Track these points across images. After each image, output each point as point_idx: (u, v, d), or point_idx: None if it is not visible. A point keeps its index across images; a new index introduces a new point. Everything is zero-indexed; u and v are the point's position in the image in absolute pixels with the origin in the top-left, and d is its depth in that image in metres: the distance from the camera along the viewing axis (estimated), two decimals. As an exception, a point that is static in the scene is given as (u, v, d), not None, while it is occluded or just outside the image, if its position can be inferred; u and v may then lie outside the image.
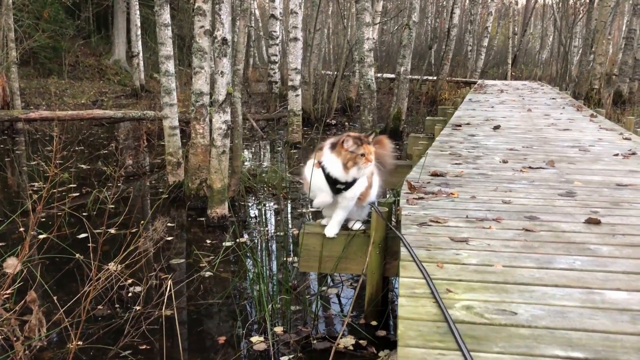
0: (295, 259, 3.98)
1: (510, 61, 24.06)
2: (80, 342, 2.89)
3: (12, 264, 2.56)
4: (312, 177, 2.77)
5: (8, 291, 2.57)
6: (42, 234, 4.53)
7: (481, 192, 3.20)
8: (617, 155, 4.45)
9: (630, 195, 3.12)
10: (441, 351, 1.44)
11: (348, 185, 2.68)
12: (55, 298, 2.86)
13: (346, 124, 13.01)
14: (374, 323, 3.07)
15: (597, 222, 2.55)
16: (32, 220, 2.62)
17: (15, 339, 2.05)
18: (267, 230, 5.15)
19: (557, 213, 2.74)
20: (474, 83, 16.85)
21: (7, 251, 4.15)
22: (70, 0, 18.21)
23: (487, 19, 22.78)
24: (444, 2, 24.91)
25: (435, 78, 17.93)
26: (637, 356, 1.42)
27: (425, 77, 18.10)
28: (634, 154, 4.50)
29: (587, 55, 16.83)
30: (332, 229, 2.97)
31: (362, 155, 2.60)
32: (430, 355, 1.43)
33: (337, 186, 2.69)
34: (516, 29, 27.90)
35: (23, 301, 2.31)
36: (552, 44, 26.84)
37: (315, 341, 3.00)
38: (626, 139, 5.37)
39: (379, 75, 18.99)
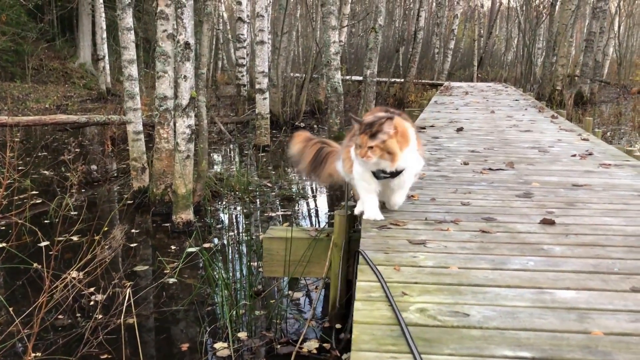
0: (261, 263, 3.98)
1: (476, 63, 24.43)
2: (38, 354, 2.84)
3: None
4: None
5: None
6: (2, 241, 4.44)
7: (441, 194, 3.24)
8: (574, 156, 4.56)
9: (585, 196, 3.20)
10: (393, 354, 1.47)
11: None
12: (11, 309, 2.80)
13: (315, 126, 13.03)
14: (338, 326, 3.09)
15: (551, 223, 2.61)
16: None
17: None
18: (233, 235, 5.13)
19: (513, 214, 2.80)
20: (441, 85, 17.07)
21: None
22: (32, 3, 17.89)
23: (454, 21, 23.11)
24: (411, 5, 25.13)
25: (402, 80, 18.11)
26: (581, 353, 1.46)
27: (392, 80, 18.25)
28: (590, 154, 4.62)
29: (549, 57, 17.18)
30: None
31: (358, 146, 2.47)
32: (382, 358, 1.45)
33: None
34: (482, 31, 28.33)
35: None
36: (517, 46, 27.30)
37: (279, 346, 3.00)
38: (584, 139, 5.51)
39: (347, 77, 19.08)
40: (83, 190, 6.49)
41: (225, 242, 4.91)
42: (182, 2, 4.76)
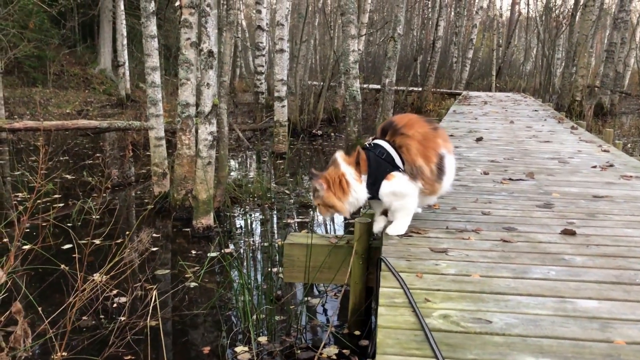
0: (280, 269, 4.02)
1: (494, 73, 24.37)
2: (65, 353, 2.90)
3: (-2, 275, 2.57)
4: None
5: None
6: (26, 244, 4.53)
7: (462, 203, 3.27)
8: (595, 167, 4.55)
9: (606, 207, 3.21)
10: (418, 358, 1.50)
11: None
12: (40, 309, 2.87)
13: (332, 134, 13.09)
14: (357, 333, 3.12)
15: (572, 233, 2.63)
16: (17, 232, 2.64)
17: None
18: (252, 241, 5.18)
19: (534, 224, 2.82)
20: (459, 94, 17.05)
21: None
22: (56, 10, 18.20)
23: (472, 31, 23.08)
24: (430, 15, 25.17)
25: (420, 89, 18.12)
26: (604, 362, 1.48)
27: (410, 89, 18.27)
28: (611, 165, 4.61)
29: (569, 68, 17.11)
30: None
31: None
32: (407, 363, 1.48)
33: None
34: (500, 41, 28.28)
35: (8, 312, 2.33)
36: (535, 56, 27.21)
37: (299, 351, 3.04)
38: (604, 151, 5.49)
39: (365, 86, 19.13)
40: (104, 195, 6.59)
41: (245, 247, 4.96)
42: (206, 11, 4.85)
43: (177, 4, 5.33)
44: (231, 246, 4.97)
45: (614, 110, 16.99)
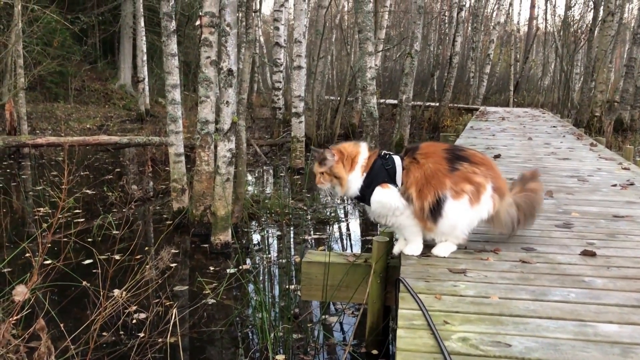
0: (298, 286, 4.03)
1: (512, 88, 24.28)
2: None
3: (21, 292, 2.62)
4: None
5: (16, 318, 2.62)
6: (47, 260, 4.60)
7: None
8: (615, 185, 4.51)
9: (627, 227, 3.18)
10: (437, 382, 1.50)
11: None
12: (62, 325, 2.91)
13: (349, 150, 13.11)
14: (374, 352, 3.11)
15: (592, 254, 2.61)
16: (41, 249, 2.69)
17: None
18: (270, 258, 5.20)
19: (553, 244, 2.80)
20: (476, 110, 17.00)
21: (13, 276, 4.23)
22: (78, 27, 18.56)
23: (489, 46, 23.07)
24: (447, 30, 25.23)
25: (437, 104, 18.11)
26: (625, 389, 1.47)
27: (427, 104, 18.27)
28: (632, 184, 4.57)
29: (588, 83, 17.01)
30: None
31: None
32: (426, 387, 1.49)
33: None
34: (518, 56, 28.20)
35: (32, 328, 2.37)
36: (554, 71, 27.08)
37: (316, 369, 3.04)
38: (625, 168, 5.44)
39: (382, 101, 19.17)
40: (124, 210, 6.66)
41: (263, 264, 4.98)
42: (227, 31, 4.92)
43: (198, 23, 5.42)
44: (249, 262, 5.00)
45: (634, 126, 16.80)
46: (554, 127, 10.34)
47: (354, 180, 2.66)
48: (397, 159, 2.66)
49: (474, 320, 1.90)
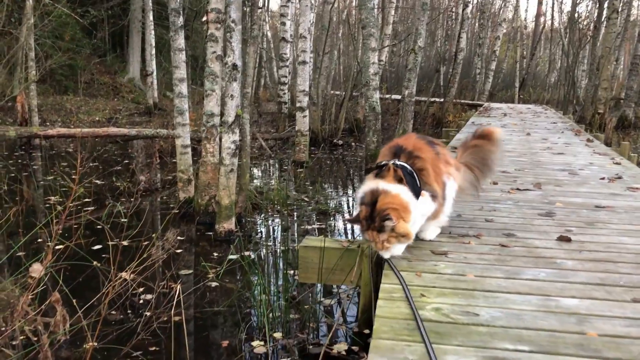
0: (296, 271, 4.24)
1: (517, 84, 24.37)
2: (95, 343, 3.16)
3: (37, 269, 2.84)
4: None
5: (34, 293, 2.84)
6: (62, 243, 4.82)
7: (467, 211, 3.45)
8: (603, 179, 4.69)
9: (606, 217, 3.36)
10: (408, 343, 1.70)
11: None
12: (74, 301, 3.12)
13: (353, 144, 13.31)
14: (367, 331, 3.31)
15: (568, 240, 2.80)
16: (56, 230, 2.90)
17: (42, 332, 2.32)
18: (271, 245, 5.41)
19: (533, 231, 2.99)
20: (481, 106, 17.15)
21: (27, 259, 4.46)
22: (87, 21, 18.80)
23: (495, 42, 23.15)
24: (453, 26, 25.33)
25: (442, 100, 18.26)
26: (574, 350, 1.66)
27: (432, 99, 18.42)
28: (619, 178, 4.74)
29: (592, 80, 17.09)
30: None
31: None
32: (398, 346, 1.68)
33: None
34: (525, 52, 28.26)
35: (48, 301, 2.58)
36: (560, 68, 27.12)
37: (310, 346, 3.25)
38: (616, 163, 5.61)
39: (387, 96, 19.34)
40: (132, 200, 6.89)
41: (264, 251, 5.19)
42: (232, 27, 5.12)
43: (204, 19, 5.62)
44: (251, 249, 5.21)
45: (638, 123, 16.88)
46: (554, 123, 10.49)
47: (416, 215, 2.45)
48: (405, 164, 2.57)
49: (448, 294, 2.09)
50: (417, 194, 2.47)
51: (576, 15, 21.56)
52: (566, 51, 21.08)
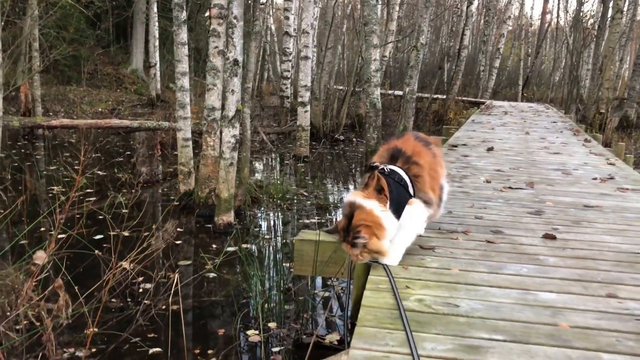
0: (292, 264, 4.35)
1: (521, 82, 24.39)
2: (96, 329, 3.27)
3: (41, 256, 2.95)
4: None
5: (37, 279, 2.95)
6: (64, 232, 4.93)
7: (458, 208, 3.55)
8: (595, 179, 4.78)
9: (593, 216, 3.46)
10: (390, 330, 1.80)
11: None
12: (76, 288, 3.22)
13: (354, 139, 13.40)
14: (358, 322, 3.42)
15: (552, 238, 2.89)
16: (59, 219, 3.01)
17: (45, 316, 2.43)
18: (269, 238, 5.52)
19: (520, 229, 3.09)
20: (483, 103, 17.21)
21: (30, 247, 4.57)
22: (92, 12, 18.89)
23: (500, 40, 23.16)
24: (458, 23, 25.32)
25: (445, 97, 18.32)
26: (545, 339, 1.76)
27: (435, 96, 18.48)
28: (612, 178, 4.83)
29: (595, 80, 17.13)
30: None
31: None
32: (380, 333, 1.78)
33: None
34: (530, 50, 28.25)
35: (51, 287, 2.69)
36: (564, 67, 27.12)
37: (304, 336, 3.36)
38: (611, 164, 5.70)
39: (390, 92, 19.41)
40: (133, 191, 7.00)
41: (261, 243, 5.30)
42: (233, 23, 5.21)
43: (207, 14, 5.71)
44: (249, 241, 5.32)
45: (639, 123, 16.91)
46: (554, 122, 10.57)
47: (392, 221, 2.34)
48: (400, 171, 2.49)
49: (432, 286, 2.20)
50: (403, 204, 2.41)
51: (581, 14, 21.54)
52: (571, 50, 21.10)
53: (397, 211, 2.37)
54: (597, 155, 6.32)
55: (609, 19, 16.89)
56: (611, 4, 16.63)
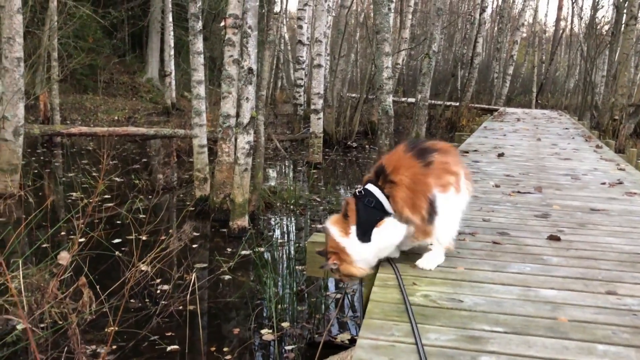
0: (304, 266, 4.46)
1: (535, 90, 24.36)
2: (116, 327, 3.40)
3: (65, 257, 3.09)
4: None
5: (61, 278, 3.09)
6: (85, 235, 5.09)
7: (467, 211, 3.63)
8: (604, 184, 4.84)
9: (598, 219, 3.53)
10: (396, 322, 1.91)
11: None
12: (97, 287, 3.36)
13: (366, 146, 13.51)
14: (369, 322, 3.52)
15: (557, 239, 2.98)
16: (82, 222, 3.15)
17: (70, 312, 2.56)
18: (281, 241, 5.64)
19: (526, 231, 3.17)
20: (496, 110, 17.24)
21: (52, 251, 4.72)
22: (108, 22, 19.23)
23: (513, 47, 23.18)
24: (471, 30, 25.39)
25: (458, 104, 18.38)
26: (544, 332, 1.86)
27: (448, 103, 18.54)
28: (620, 183, 4.89)
29: (608, 87, 17.10)
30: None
31: None
32: (387, 325, 1.89)
33: None
34: (544, 57, 28.22)
35: (75, 285, 2.83)
36: (579, 74, 27.03)
37: (316, 335, 3.47)
38: (620, 169, 5.75)
39: (403, 99, 19.50)
40: (150, 197, 7.16)
41: (275, 247, 5.42)
42: (248, 33, 5.36)
43: (222, 24, 5.86)
44: (262, 245, 5.44)
45: (656, 130, 16.80)
46: (566, 129, 10.61)
47: (359, 253, 2.39)
48: (375, 190, 2.45)
49: (438, 283, 2.30)
50: (374, 224, 2.40)
51: (595, 20, 21.51)
52: (585, 56, 21.06)
53: (366, 233, 2.38)
54: (608, 161, 6.37)
55: (623, 25, 16.87)
56: (625, 10, 16.61)
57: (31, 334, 2.07)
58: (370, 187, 2.46)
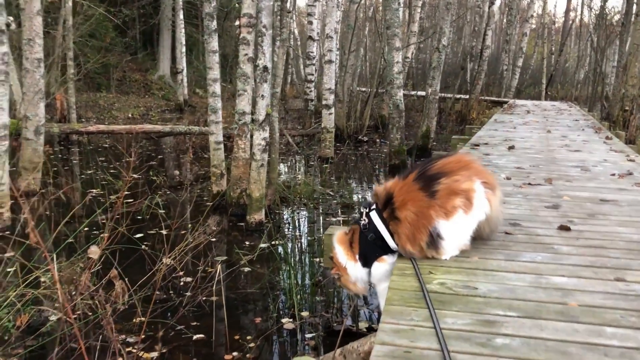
0: (321, 258, 4.59)
1: (544, 81, 24.32)
2: (143, 318, 3.56)
3: (95, 251, 3.25)
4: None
5: (92, 270, 3.25)
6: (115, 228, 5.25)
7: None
8: (613, 175, 4.93)
9: (608, 209, 3.63)
10: (415, 308, 2.03)
11: None
12: (126, 279, 3.52)
13: (377, 140, 13.61)
14: (385, 312, 3.65)
15: (567, 229, 3.09)
16: (111, 217, 3.30)
17: (103, 303, 2.71)
18: (298, 235, 5.78)
19: (537, 221, 3.28)
20: (506, 102, 17.27)
21: (79, 246, 4.89)
22: (120, 20, 19.43)
23: (523, 39, 23.14)
24: (480, 23, 25.35)
25: (468, 97, 18.42)
26: (554, 315, 1.98)
27: (458, 96, 18.59)
28: (630, 174, 4.97)
29: (619, 77, 17.06)
30: None
31: None
32: (406, 311, 2.02)
33: None
34: (553, 48, 28.12)
35: (107, 276, 2.98)
36: (588, 65, 26.93)
37: (335, 324, 3.61)
38: (630, 160, 5.83)
39: (412, 93, 19.57)
40: (167, 192, 7.32)
41: (292, 240, 5.57)
42: (262, 32, 5.49)
43: (237, 23, 5.99)
44: (280, 238, 5.59)
45: (668, 120, 16.76)
46: (576, 120, 10.65)
47: (355, 271, 2.60)
48: (377, 223, 2.52)
49: (453, 272, 2.42)
50: (372, 258, 2.58)
51: (605, 10, 21.44)
52: (595, 47, 21.00)
53: (367, 263, 2.57)
54: (618, 152, 6.44)
55: (634, 16, 16.81)
56: (636, 0, 16.56)
57: (75, 324, 2.22)
58: (375, 219, 2.53)
